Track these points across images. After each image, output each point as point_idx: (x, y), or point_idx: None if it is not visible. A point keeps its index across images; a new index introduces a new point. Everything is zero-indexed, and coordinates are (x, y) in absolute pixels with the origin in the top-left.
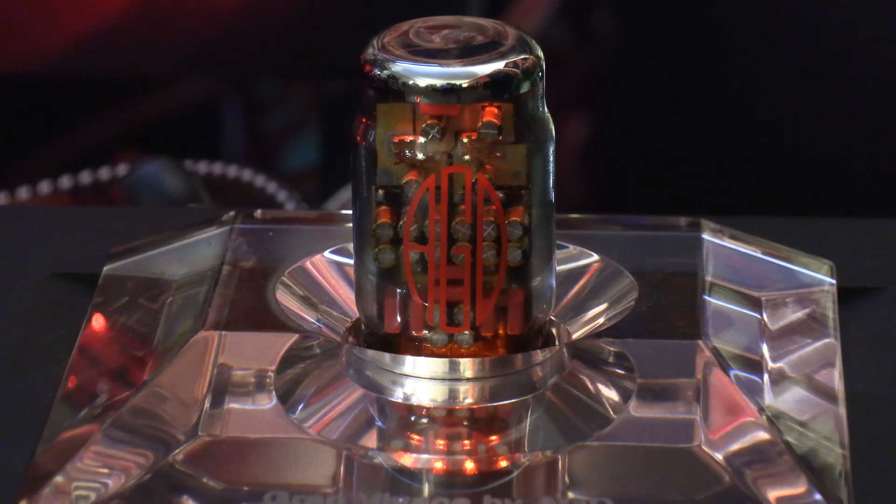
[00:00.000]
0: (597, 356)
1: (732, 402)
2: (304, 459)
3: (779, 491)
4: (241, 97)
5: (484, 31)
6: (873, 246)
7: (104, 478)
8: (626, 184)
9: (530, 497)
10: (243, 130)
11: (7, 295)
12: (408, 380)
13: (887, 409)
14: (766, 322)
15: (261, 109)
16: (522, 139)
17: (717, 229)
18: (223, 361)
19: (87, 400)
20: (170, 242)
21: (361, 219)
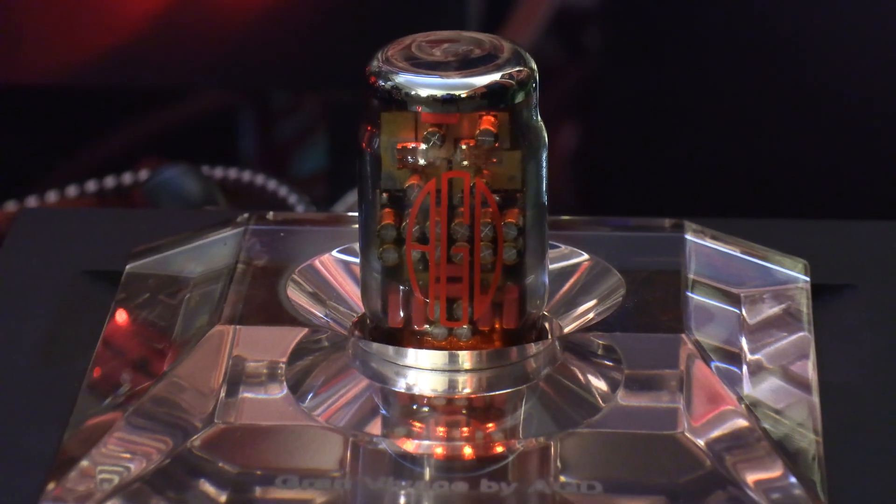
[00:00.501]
0: (587, 349)
1: (713, 392)
2: (313, 445)
3: (756, 475)
4: (255, 107)
5: (481, 44)
6: (844, 246)
7: (127, 462)
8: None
9: (524, 481)
10: (257, 138)
11: (36, 291)
12: (410, 371)
13: (858, 398)
14: (744, 317)
15: (273, 119)
16: (517, 146)
17: (698, 230)
18: (237, 354)
19: (110, 389)
20: (188, 242)
21: (367, 220)
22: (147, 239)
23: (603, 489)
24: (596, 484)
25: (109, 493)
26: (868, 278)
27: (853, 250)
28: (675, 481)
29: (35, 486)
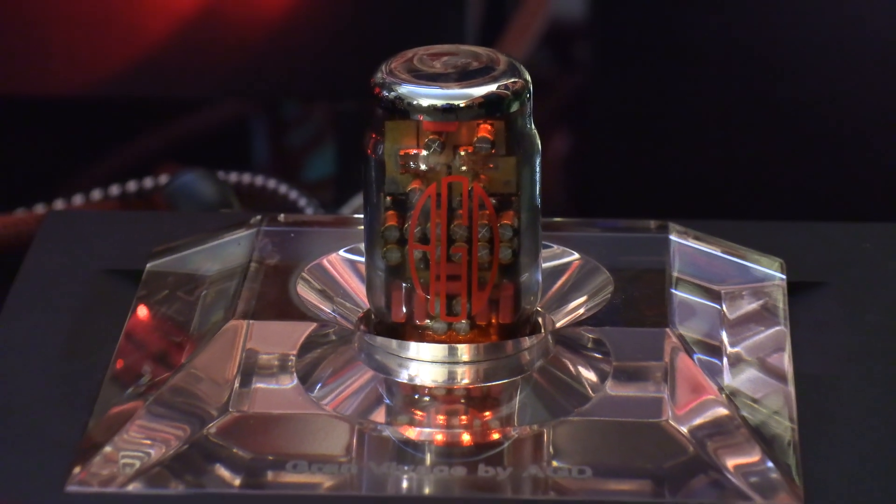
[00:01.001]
0: (577, 342)
1: (696, 383)
2: (321, 432)
3: (736, 460)
4: (268, 116)
5: (478, 57)
6: (818, 246)
7: (147, 448)
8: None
9: (519, 466)
10: (269, 145)
11: (63, 288)
12: (412, 363)
13: (830, 388)
14: (724, 312)
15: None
16: (512, 152)
17: (682, 231)
18: (251, 347)
19: (132, 380)
20: (204, 243)
21: (371, 222)
22: (166, 239)
23: (592, 473)
24: (586, 469)
25: (131, 476)
26: (840, 276)
27: (826, 250)
28: (660, 466)
29: (62, 470)
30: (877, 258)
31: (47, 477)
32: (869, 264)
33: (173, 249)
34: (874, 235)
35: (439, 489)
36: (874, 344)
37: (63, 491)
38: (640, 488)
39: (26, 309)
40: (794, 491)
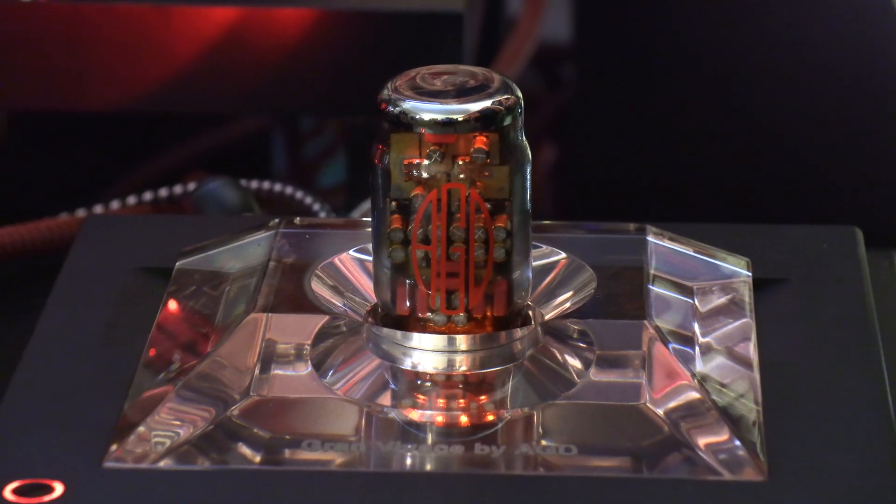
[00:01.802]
0: (564, 333)
1: (670, 369)
2: (333, 414)
3: (706, 438)
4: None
5: (475, 76)
6: (780, 246)
7: (177, 428)
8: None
9: (511, 444)
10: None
11: (101, 284)
12: (415, 352)
13: (791, 374)
14: (696, 306)
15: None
16: (505, 161)
17: (658, 233)
18: (269, 337)
19: (163, 367)
20: (228, 243)
21: (378, 224)
22: (194, 240)
23: (577, 451)
24: (572, 447)
25: (162, 454)
26: (800, 274)
27: (788, 250)
28: (639, 445)
29: (100, 448)
30: (833, 257)
31: (86, 454)
32: (826, 263)
33: (200, 249)
34: (831, 237)
35: (439, 466)
36: (830, 335)
37: (101, 467)
38: (621, 465)
39: (68, 302)
40: (759, 466)
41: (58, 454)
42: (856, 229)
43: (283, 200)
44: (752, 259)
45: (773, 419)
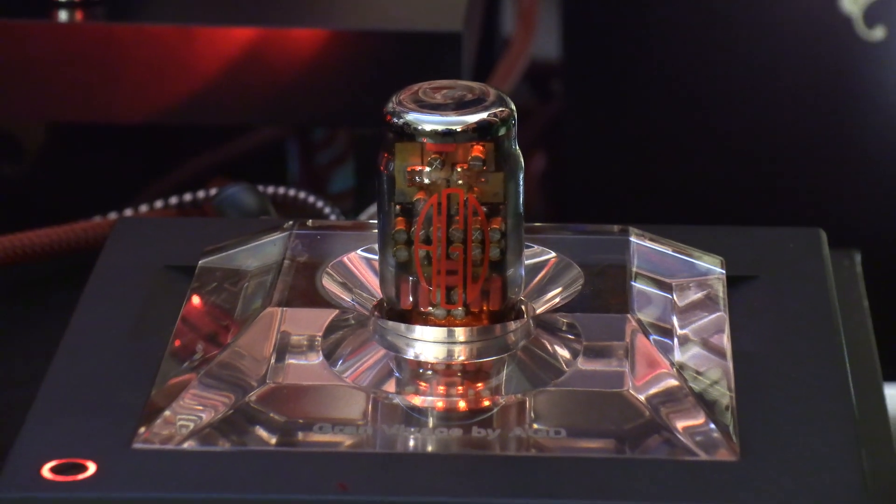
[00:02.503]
0: (554, 326)
1: (651, 359)
2: (342, 400)
3: (684, 422)
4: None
5: (472, 90)
6: (751, 246)
7: (200, 412)
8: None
9: (506, 428)
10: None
11: (130, 281)
12: (417, 342)
13: (761, 363)
14: (675, 301)
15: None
16: (500, 169)
17: (640, 234)
18: (284, 329)
19: (187, 356)
20: (246, 243)
21: (384, 226)
22: (215, 241)
23: (566, 434)
24: (561, 430)
25: (186, 436)
26: (770, 271)
27: (759, 250)
28: (622, 428)
29: (129, 431)
30: (799, 256)
31: (117, 436)
32: (793, 262)
33: (221, 249)
34: (797, 238)
35: (440, 447)
36: (797, 327)
37: (130, 448)
38: (605, 446)
39: (101, 297)
40: (732, 447)
41: (91, 436)
42: (820, 231)
43: (296, 204)
44: (726, 258)
45: (744, 404)
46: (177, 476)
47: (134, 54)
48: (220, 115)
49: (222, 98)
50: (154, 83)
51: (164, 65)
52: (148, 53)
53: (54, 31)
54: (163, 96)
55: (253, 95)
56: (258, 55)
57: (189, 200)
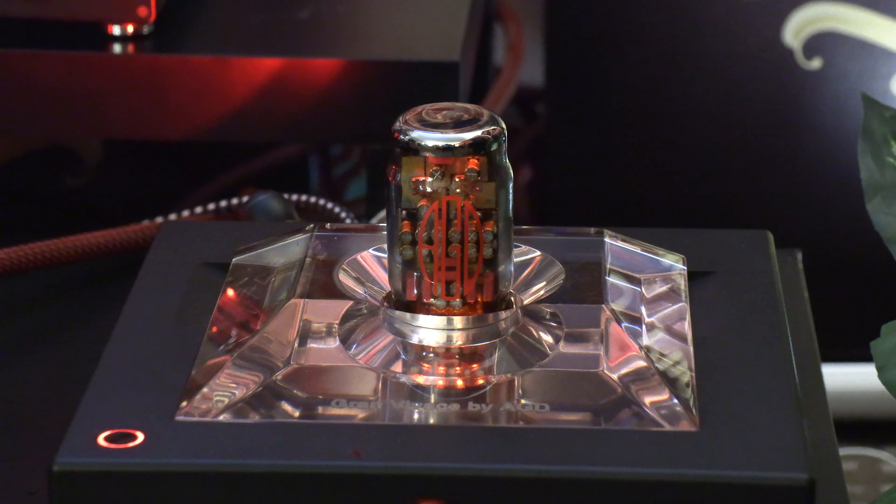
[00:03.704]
0: (539, 315)
1: (623, 343)
2: (356, 379)
3: (651, 398)
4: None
5: (468, 111)
6: (709, 246)
7: (233, 389)
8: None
9: (497, 403)
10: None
11: (173, 276)
12: (421, 329)
13: (717, 346)
14: (643, 293)
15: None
16: (492, 179)
17: (613, 235)
18: (306, 318)
19: (222, 341)
20: (273, 243)
21: (392, 229)
22: (246, 241)
23: (550, 408)
24: (545, 405)
25: (222, 409)
26: (725, 267)
27: (715, 249)
28: (597, 403)
29: (173, 405)
30: (750, 254)
31: (162, 410)
32: (744, 259)
33: (251, 248)
34: (748, 238)
35: (440, 420)
36: (748, 316)
37: (173, 420)
38: (583, 418)
39: (148, 290)
40: (692, 419)
41: (139, 409)
42: (767, 233)
43: (316, 210)
44: (687, 256)
45: (703, 382)
46: (214, 444)
47: (177, 81)
48: (251, 133)
49: (253, 118)
50: (194, 105)
51: (203, 90)
52: (189, 80)
53: (109, 62)
54: (202, 117)
55: (279, 116)
56: (283, 81)
57: (224, 206)
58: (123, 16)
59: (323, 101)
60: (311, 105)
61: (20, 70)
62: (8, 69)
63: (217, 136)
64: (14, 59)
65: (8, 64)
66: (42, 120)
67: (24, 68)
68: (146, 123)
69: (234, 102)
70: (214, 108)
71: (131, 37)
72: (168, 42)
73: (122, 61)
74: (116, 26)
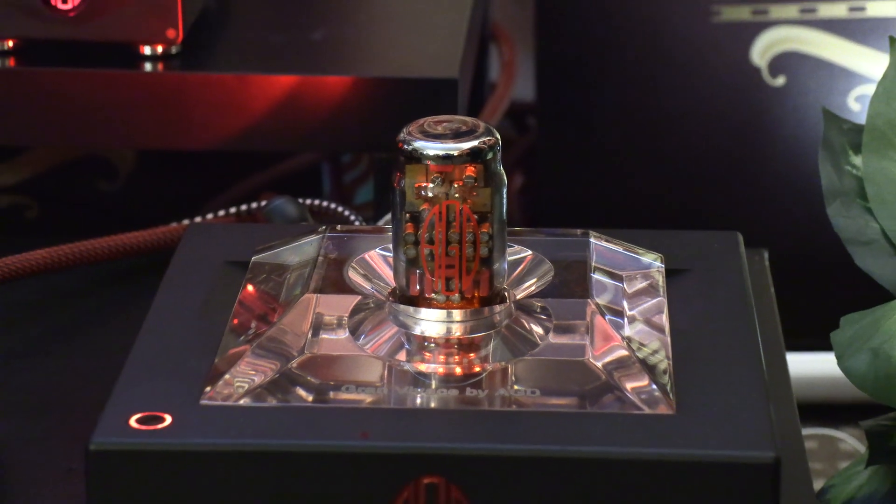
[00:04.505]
0: (530, 308)
1: (606, 334)
2: (364, 367)
3: (632, 384)
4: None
5: (466, 123)
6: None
7: (252, 376)
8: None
9: (493, 388)
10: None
11: (198, 273)
12: (422, 322)
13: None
14: (625, 289)
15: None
16: (488, 185)
17: (598, 236)
18: (318, 311)
19: (243, 332)
20: (289, 244)
21: (397, 230)
22: (265, 242)
23: (540, 393)
24: (536, 390)
25: (242, 394)
26: (699, 266)
27: (691, 248)
28: (583, 388)
29: (198, 391)
30: (721, 253)
31: (188, 395)
32: (717, 258)
33: (269, 248)
34: (720, 239)
35: (440, 404)
36: (720, 309)
37: (198, 403)
38: (570, 402)
39: (175, 286)
40: (669, 403)
41: (167, 394)
42: (738, 234)
43: (328, 213)
44: (664, 255)
45: (679, 369)
46: (235, 426)
47: (202, 96)
48: (269, 143)
49: (270, 130)
50: (217, 118)
51: (226, 104)
52: (213, 95)
53: (141, 79)
54: (224, 129)
55: (294, 128)
56: (298, 96)
57: (244, 210)
58: (154, 38)
59: (334, 114)
60: (323, 118)
61: (61, 86)
62: (50, 85)
63: (238, 146)
64: (56, 76)
65: (51, 81)
66: (80, 131)
67: (64, 85)
68: (174, 135)
69: (253, 115)
70: (235, 121)
71: (160, 56)
72: (194, 61)
73: (152, 79)
74: (147, 47)
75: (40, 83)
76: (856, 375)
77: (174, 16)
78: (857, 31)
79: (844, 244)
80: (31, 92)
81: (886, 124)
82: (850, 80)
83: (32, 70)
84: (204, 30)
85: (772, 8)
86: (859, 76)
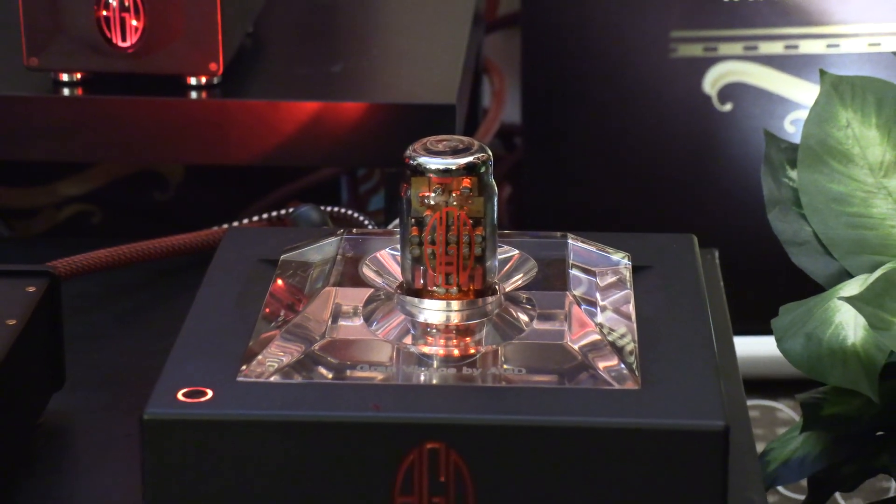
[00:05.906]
0: (517, 300)
1: (582, 321)
2: (376, 349)
3: (603, 363)
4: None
5: (462, 142)
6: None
7: (281, 357)
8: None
9: (486, 367)
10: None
11: (236, 270)
12: (426, 311)
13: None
14: (597, 283)
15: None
16: (481, 195)
17: (575, 238)
18: (337, 302)
19: (273, 319)
20: (313, 244)
21: (404, 233)
22: (292, 243)
23: (526, 371)
24: (522, 369)
25: (272, 372)
26: (660, 263)
27: (653, 248)
28: (562, 367)
29: (235, 369)
30: (679, 253)
31: (226, 373)
32: (675, 256)
33: (296, 248)
34: (678, 241)
35: (441, 380)
36: (678, 300)
37: (235, 380)
38: (551, 379)
39: (216, 281)
40: (635, 380)
41: (209, 372)
42: (693, 236)
43: (346, 218)
44: (631, 254)
45: (643, 351)
46: (266, 399)
47: (239, 119)
48: (295, 159)
49: (297, 148)
50: (253, 138)
51: (260, 126)
52: (249, 119)
53: (187, 105)
54: (258, 147)
55: (317, 146)
56: (321, 120)
57: (275, 216)
58: (198, 70)
59: (351, 134)
60: (342, 138)
61: (121, 112)
62: (112, 111)
63: (269, 162)
64: (115, 104)
65: (112, 107)
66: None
67: (123, 110)
68: (215, 152)
69: (282, 136)
70: (268, 141)
71: (204, 86)
72: (232, 90)
73: (197, 105)
74: (193, 78)
75: (103, 109)
76: (792, 355)
77: (216, 52)
78: (792, 66)
79: (783, 245)
80: (96, 117)
81: (818, 144)
82: (787, 107)
83: (97, 98)
84: (241, 63)
85: (721, 45)
86: (794, 103)
